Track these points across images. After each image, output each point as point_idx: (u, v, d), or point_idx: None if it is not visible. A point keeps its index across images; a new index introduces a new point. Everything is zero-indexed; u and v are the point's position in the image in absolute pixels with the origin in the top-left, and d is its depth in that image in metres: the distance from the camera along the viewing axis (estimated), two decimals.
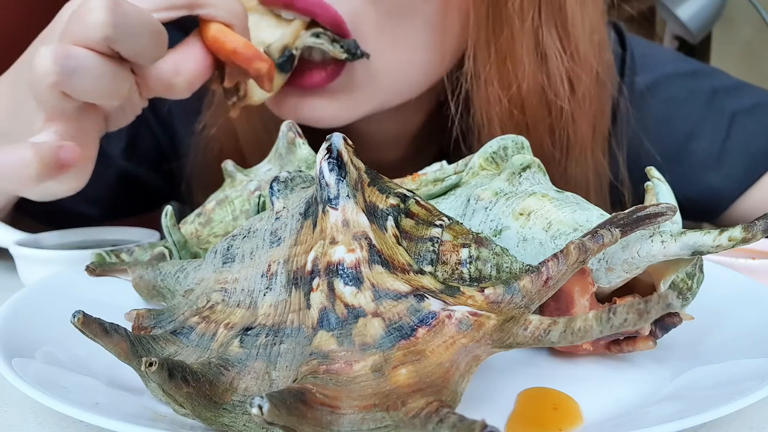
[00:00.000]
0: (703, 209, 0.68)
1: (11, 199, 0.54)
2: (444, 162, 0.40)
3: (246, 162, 0.53)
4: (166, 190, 0.76)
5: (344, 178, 0.27)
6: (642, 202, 0.35)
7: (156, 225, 0.51)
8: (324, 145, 0.27)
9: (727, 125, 0.65)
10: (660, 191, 0.33)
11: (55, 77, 0.36)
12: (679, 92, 0.66)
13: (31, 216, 0.64)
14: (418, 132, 0.66)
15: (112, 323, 0.26)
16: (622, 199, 0.64)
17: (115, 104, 0.41)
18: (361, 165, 0.29)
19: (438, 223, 0.29)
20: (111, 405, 0.26)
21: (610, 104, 0.61)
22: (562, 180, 0.58)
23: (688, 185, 0.65)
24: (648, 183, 0.34)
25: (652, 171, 0.34)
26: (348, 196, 0.26)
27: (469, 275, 0.28)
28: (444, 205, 0.36)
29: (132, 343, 0.26)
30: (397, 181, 0.38)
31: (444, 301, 0.25)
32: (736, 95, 0.67)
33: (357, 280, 0.25)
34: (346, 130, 0.61)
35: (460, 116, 0.56)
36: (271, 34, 0.49)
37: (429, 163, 0.42)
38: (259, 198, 0.37)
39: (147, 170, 0.73)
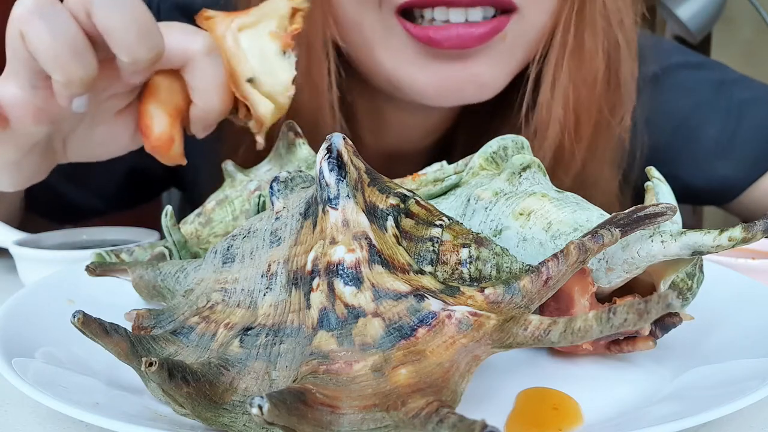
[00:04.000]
0: (712, 198, 0.68)
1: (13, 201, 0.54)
2: (444, 162, 0.40)
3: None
4: (169, 180, 0.76)
5: (344, 178, 0.26)
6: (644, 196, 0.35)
7: (156, 224, 0.51)
8: (324, 145, 0.27)
9: (737, 114, 0.65)
10: (660, 191, 0.33)
11: (24, 13, 0.37)
12: (687, 82, 0.66)
13: (41, 214, 0.64)
14: (448, 128, 0.66)
15: (112, 323, 0.26)
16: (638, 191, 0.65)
17: (70, 79, 0.38)
18: (361, 165, 0.29)
19: (438, 223, 0.29)
20: (111, 405, 0.27)
21: (636, 87, 0.61)
22: (580, 177, 0.59)
23: (698, 174, 0.65)
24: (648, 183, 0.34)
25: (652, 171, 0.34)
26: (348, 196, 0.26)
27: (469, 275, 0.28)
28: (444, 205, 0.36)
29: (132, 343, 0.26)
30: (397, 181, 0.38)
31: (444, 301, 0.25)
32: (742, 86, 0.67)
33: (357, 280, 0.25)
34: (381, 120, 0.61)
35: (526, 104, 0.57)
36: None
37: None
38: (259, 198, 0.37)
39: (152, 161, 0.73)
